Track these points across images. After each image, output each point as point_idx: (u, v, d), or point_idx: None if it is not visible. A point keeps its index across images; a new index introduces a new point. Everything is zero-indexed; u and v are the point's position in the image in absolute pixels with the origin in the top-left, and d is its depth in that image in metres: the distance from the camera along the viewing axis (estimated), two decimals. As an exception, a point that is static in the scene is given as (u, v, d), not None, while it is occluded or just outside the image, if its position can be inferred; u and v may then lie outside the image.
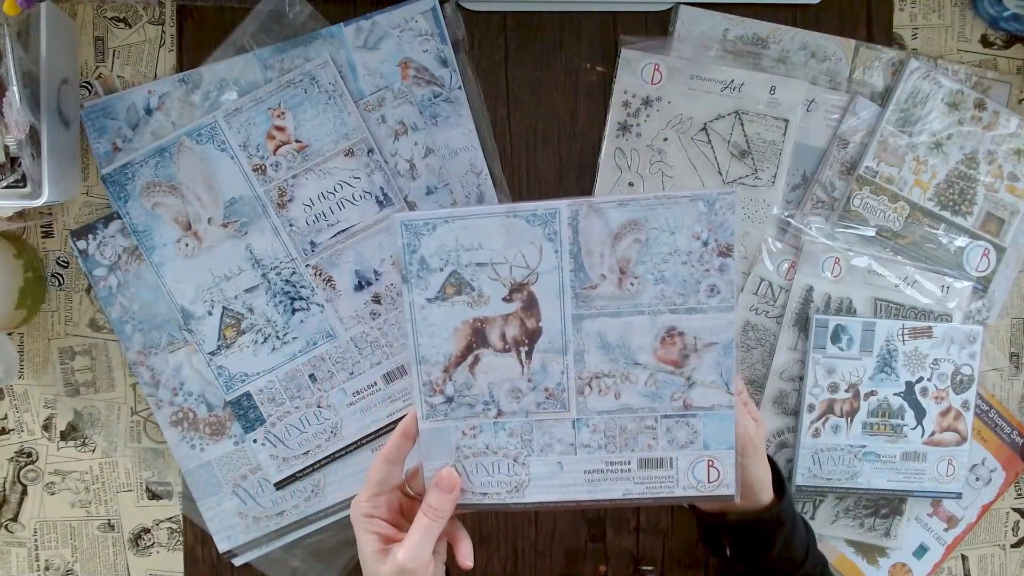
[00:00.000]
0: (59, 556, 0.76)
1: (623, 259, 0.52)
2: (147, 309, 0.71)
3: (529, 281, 0.53)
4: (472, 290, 0.53)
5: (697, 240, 0.52)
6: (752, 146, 0.72)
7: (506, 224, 0.52)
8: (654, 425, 0.54)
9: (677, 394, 0.54)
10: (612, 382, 0.54)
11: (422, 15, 0.70)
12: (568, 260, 0.52)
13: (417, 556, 0.51)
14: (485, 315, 0.53)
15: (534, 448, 0.54)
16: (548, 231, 0.52)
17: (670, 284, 0.52)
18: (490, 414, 0.54)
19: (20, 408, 0.75)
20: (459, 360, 0.54)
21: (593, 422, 0.54)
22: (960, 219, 0.73)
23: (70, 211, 0.73)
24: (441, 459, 0.55)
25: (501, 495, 0.55)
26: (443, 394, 0.54)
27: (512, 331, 0.53)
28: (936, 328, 0.71)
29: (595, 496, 0.55)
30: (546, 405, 0.54)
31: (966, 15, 0.74)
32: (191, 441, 0.72)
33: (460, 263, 0.53)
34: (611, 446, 0.54)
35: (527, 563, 0.75)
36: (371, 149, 0.70)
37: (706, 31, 0.72)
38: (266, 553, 0.74)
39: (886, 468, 0.72)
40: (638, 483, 0.55)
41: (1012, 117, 0.72)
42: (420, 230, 0.52)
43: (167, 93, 0.71)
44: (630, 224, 0.52)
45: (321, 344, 0.71)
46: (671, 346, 0.53)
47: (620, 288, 0.53)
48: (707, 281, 0.52)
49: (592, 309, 0.53)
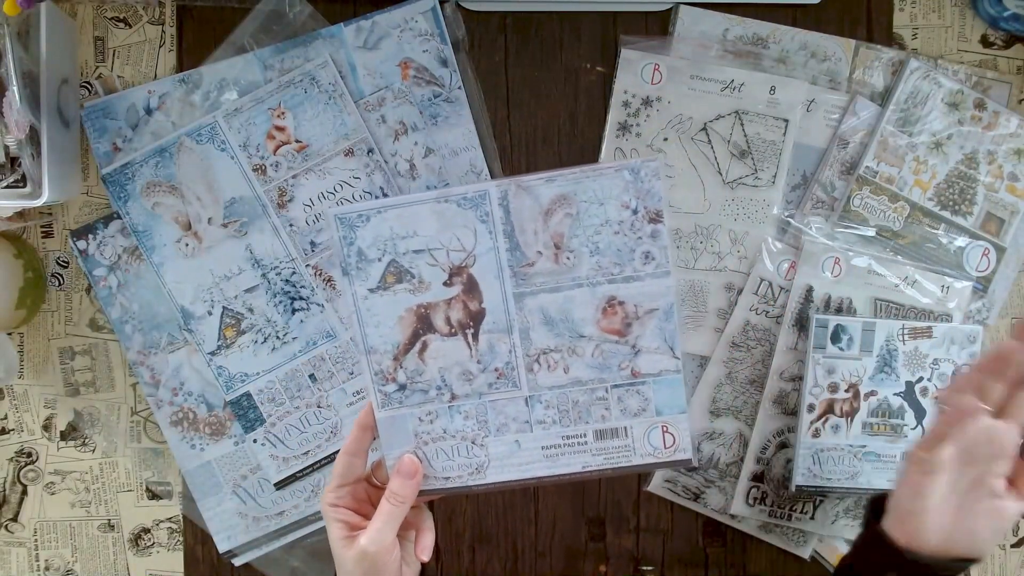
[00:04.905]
0: (59, 556, 0.76)
1: (556, 234, 0.53)
2: (147, 309, 0.71)
3: (467, 264, 0.53)
4: (412, 277, 0.54)
5: (627, 209, 0.52)
6: (752, 146, 0.72)
7: (438, 210, 0.53)
8: (605, 396, 0.54)
9: (624, 363, 0.54)
10: (560, 357, 0.54)
11: (422, 15, 0.70)
12: (503, 240, 0.53)
13: (379, 540, 0.52)
14: (428, 301, 0.54)
15: (490, 429, 0.55)
16: (480, 213, 0.53)
17: (605, 255, 0.53)
18: (444, 398, 0.55)
19: (20, 408, 0.75)
20: (407, 347, 0.54)
21: (545, 398, 0.55)
22: (960, 219, 0.73)
23: (70, 211, 0.73)
24: (401, 447, 0.55)
25: (463, 478, 0.55)
26: (395, 382, 0.55)
27: (456, 314, 0.54)
28: (936, 328, 0.71)
29: (555, 471, 0.55)
30: (497, 385, 0.55)
31: (966, 15, 0.74)
32: (191, 441, 0.72)
33: (397, 251, 0.53)
34: (565, 420, 0.55)
35: (527, 563, 0.75)
36: (371, 149, 0.70)
37: (706, 31, 0.72)
38: (266, 553, 0.74)
39: (886, 468, 0.71)
40: (596, 455, 0.55)
41: (1012, 117, 0.72)
42: (354, 222, 0.53)
43: (167, 93, 0.71)
44: (559, 199, 0.52)
45: (321, 344, 0.71)
46: (613, 316, 0.54)
47: (557, 263, 0.53)
48: (641, 248, 0.53)
49: (532, 286, 0.53)
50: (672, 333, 0.53)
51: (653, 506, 0.75)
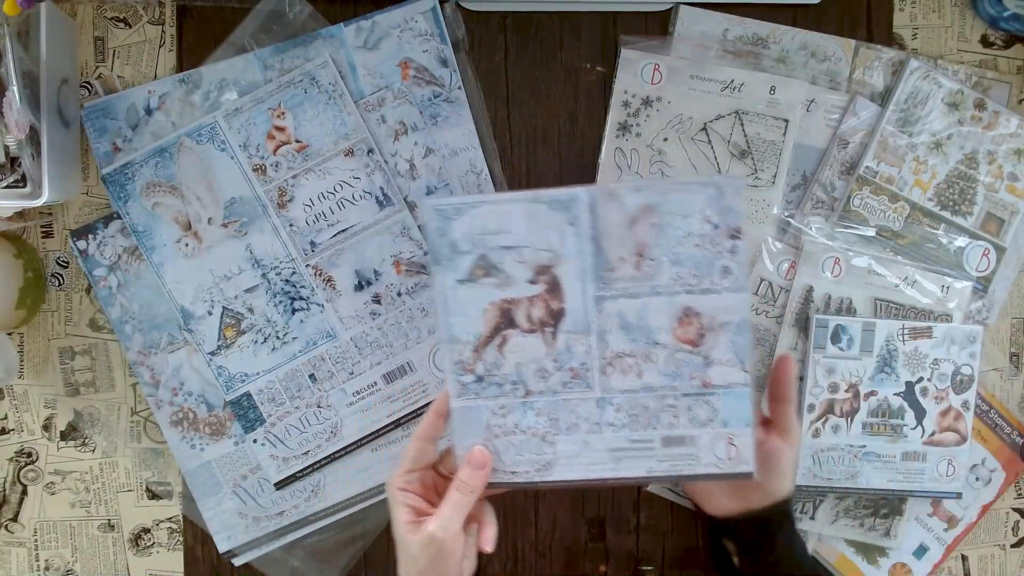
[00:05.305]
0: (59, 556, 0.76)
1: (640, 242, 0.54)
2: (147, 309, 0.71)
3: (553, 264, 0.55)
4: (499, 272, 0.55)
5: (708, 223, 0.53)
6: (752, 146, 0.72)
7: (530, 210, 0.54)
8: (675, 403, 0.56)
9: (695, 373, 0.55)
10: (634, 361, 0.55)
11: (422, 15, 0.70)
12: (589, 244, 0.54)
13: (447, 527, 0.53)
14: (512, 296, 0.55)
15: (561, 427, 0.56)
16: (569, 216, 0.54)
17: (685, 266, 0.54)
18: (518, 393, 0.56)
19: (20, 408, 0.75)
20: (488, 340, 0.56)
21: (617, 401, 0.56)
22: (960, 219, 0.73)
23: (70, 211, 0.73)
24: (472, 438, 0.56)
25: (530, 473, 0.57)
26: (473, 373, 0.56)
27: (537, 312, 0.55)
28: (936, 328, 0.71)
29: (620, 474, 0.56)
30: (571, 385, 0.56)
31: (966, 15, 0.74)
32: (191, 441, 0.72)
33: (488, 246, 0.55)
34: (635, 424, 0.56)
35: (527, 563, 0.75)
36: (371, 149, 0.70)
37: (706, 31, 0.72)
38: (266, 553, 0.74)
39: (886, 468, 0.72)
40: (661, 460, 0.56)
41: (1012, 117, 0.72)
42: (449, 214, 0.55)
43: (167, 93, 0.71)
44: (646, 208, 0.54)
45: (321, 344, 0.71)
46: (688, 326, 0.55)
47: (638, 270, 0.54)
48: (719, 263, 0.54)
49: (612, 291, 0.55)
50: (743, 347, 0.54)
51: (653, 506, 0.75)
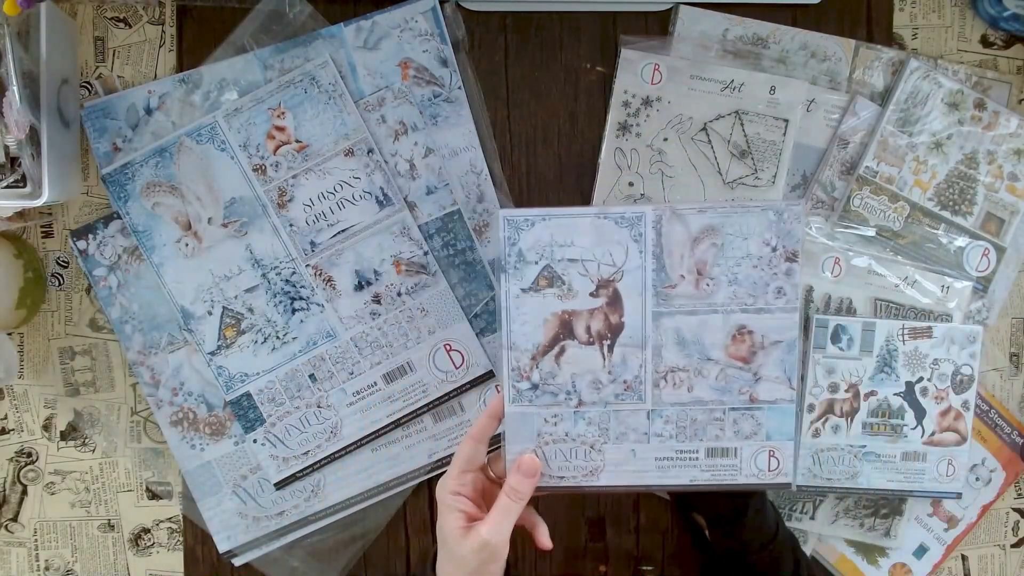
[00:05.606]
0: (59, 556, 0.76)
1: (701, 261, 0.56)
2: (147, 309, 0.71)
3: (615, 278, 0.56)
4: (563, 284, 0.57)
5: (767, 246, 0.56)
6: (752, 146, 0.72)
7: (596, 224, 0.56)
8: (722, 417, 0.58)
9: (744, 388, 0.57)
10: (686, 376, 0.57)
11: (422, 15, 0.70)
12: (651, 260, 0.56)
13: (500, 532, 0.54)
14: (573, 308, 0.57)
15: (610, 436, 0.58)
16: (634, 233, 0.56)
17: (742, 285, 0.56)
18: (571, 403, 0.58)
19: (20, 408, 0.75)
20: (546, 349, 0.57)
21: (667, 413, 0.57)
22: (960, 219, 0.73)
23: (70, 211, 0.73)
24: (523, 444, 0.58)
25: (577, 479, 0.58)
26: (529, 381, 0.58)
27: (597, 325, 0.57)
28: (936, 328, 0.71)
29: (664, 481, 0.59)
30: (624, 396, 0.57)
31: (966, 15, 0.74)
32: (191, 441, 0.72)
33: (554, 258, 0.57)
34: (681, 436, 0.58)
35: (527, 563, 0.75)
36: (371, 149, 0.70)
37: (706, 31, 0.72)
38: (266, 553, 0.74)
39: (886, 468, 0.72)
40: (704, 470, 0.58)
41: (1012, 117, 0.72)
42: (520, 225, 0.56)
43: (167, 93, 0.71)
44: (708, 229, 0.56)
45: (321, 344, 0.71)
46: (741, 343, 0.57)
47: (697, 288, 0.56)
48: (775, 284, 0.56)
49: (671, 307, 0.57)
50: (792, 365, 0.57)
51: (653, 506, 0.75)
